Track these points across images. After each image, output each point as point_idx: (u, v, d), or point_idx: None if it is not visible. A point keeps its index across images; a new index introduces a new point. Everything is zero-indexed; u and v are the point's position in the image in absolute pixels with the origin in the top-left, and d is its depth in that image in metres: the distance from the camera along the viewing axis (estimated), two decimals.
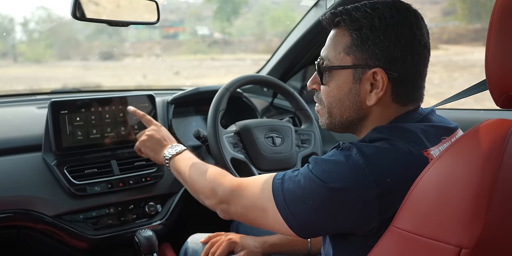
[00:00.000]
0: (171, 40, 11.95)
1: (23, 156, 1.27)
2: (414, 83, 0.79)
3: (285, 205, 0.76)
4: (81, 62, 10.26)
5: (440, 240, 0.61)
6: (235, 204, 0.88)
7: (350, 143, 0.74)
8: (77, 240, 1.27)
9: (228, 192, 0.89)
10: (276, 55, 1.86)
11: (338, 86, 0.80)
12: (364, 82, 0.77)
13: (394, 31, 0.74)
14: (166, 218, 1.40)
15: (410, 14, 0.77)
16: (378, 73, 0.76)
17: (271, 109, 1.85)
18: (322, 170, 0.73)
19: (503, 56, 0.64)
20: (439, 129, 0.78)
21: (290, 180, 0.77)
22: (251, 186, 0.85)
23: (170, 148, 1.15)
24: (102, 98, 1.33)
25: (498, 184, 0.59)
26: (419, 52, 0.77)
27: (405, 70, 0.76)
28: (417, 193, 0.66)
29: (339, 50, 0.79)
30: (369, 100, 0.78)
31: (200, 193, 0.98)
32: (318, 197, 0.72)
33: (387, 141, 0.73)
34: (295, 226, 0.76)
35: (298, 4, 1.79)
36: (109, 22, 1.20)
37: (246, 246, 1.16)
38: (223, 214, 0.92)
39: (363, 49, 0.76)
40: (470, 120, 0.83)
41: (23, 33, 11.54)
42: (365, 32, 0.75)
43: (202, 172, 0.99)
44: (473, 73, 5.70)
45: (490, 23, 0.65)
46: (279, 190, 0.77)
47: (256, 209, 0.82)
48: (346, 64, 0.79)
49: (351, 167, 0.70)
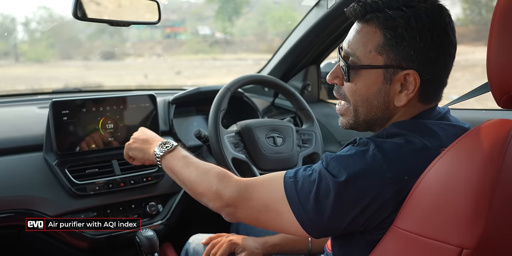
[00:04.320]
0: (172, 40, 11.95)
1: (24, 156, 1.27)
2: (442, 83, 0.78)
3: (300, 206, 0.73)
4: (83, 62, 10.25)
5: (442, 241, 0.61)
6: (244, 207, 0.82)
7: (367, 139, 0.73)
8: (78, 240, 1.27)
9: (236, 194, 0.82)
10: (277, 55, 1.85)
11: (367, 85, 0.77)
12: (395, 82, 0.76)
13: (430, 32, 0.72)
14: (167, 218, 1.40)
15: (444, 14, 0.75)
16: (411, 75, 0.74)
17: (272, 109, 1.85)
18: (338, 167, 0.71)
19: (505, 56, 0.63)
20: (457, 128, 0.77)
21: (304, 179, 0.74)
22: (261, 187, 0.81)
23: (159, 146, 1.06)
24: (103, 98, 1.33)
25: (500, 184, 0.59)
26: (450, 52, 0.76)
27: (437, 71, 0.75)
28: (419, 194, 0.65)
29: (370, 49, 0.76)
30: (398, 101, 0.76)
31: (203, 196, 0.90)
32: (334, 196, 0.70)
33: (404, 137, 0.72)
34: (309, 227, 0.74)
35: (299, 4, 1.80)
36: (111, 22, 1.20)
37: (246, 247, 1.16)
38: (229, 217, 0.86)
39: (398, 50, 0.73)
40: (471, 120, 0.82)
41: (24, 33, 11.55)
42: (400, 32, 0.72)
43: (203, 172, 0.92)
44: (474, 72, 5.69)
45: (492, 23, 0.65)
46: (293, 190, 0.74)
47: (269, 211, 0.78)
48: (378, 64, 0.75)
49: (368, 163, 0.69)
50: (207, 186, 0.88)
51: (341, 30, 1.61)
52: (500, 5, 0.64)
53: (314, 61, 1.85)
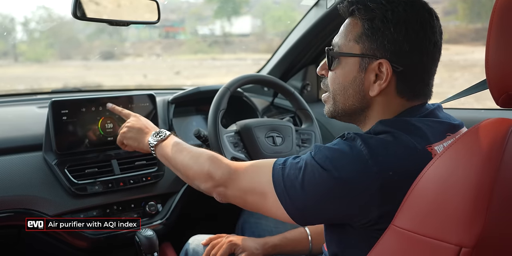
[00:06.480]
0: (171, 40, 11.95)
1: (23, 155, 1.27)
2: (420, 79, 0.80)
3: (285, 191, 0.76)
4: (82, 61, 10.25)
5: (440, 239, 0.61)
6: (233, 187, 0.86)
7: (355, 134, 0.74)
8: (77, 240, 1.27)
9: (226, 175, 0.86)
10: (277, 55, 1.86)
11: (344, 73, 0.82)
12: (369, 72, 0.78)
13: (405, 26, 0.75)
14: (167, 217, 1.40)
15: (424, 12, 0.77)
16: (384, 64, 0.77)
17: (272, 108, 1.85)
18: (324, 157, 0.73)
19: (503, 55, 0.64)
20: (444, 125, 0.78)
21: (291, 166, 0.77)
22: (250, 170, 0.84)
23: (153, 135, 1.09)
24: (102, 98, 1.33)
25: (498, 183, 0.59)
26: (428, 49, 0.77)
27: (412, 65, 0.77)
28: (417, 192, 0.66)
29: (350, 38, 0.80)
30: (372, 91, 0.79)
31: (195, 179, 0.94)
32: (319, 185, 0.72)
33: (391, 134, 0.73)
34: (293, 213, 0.76)
35: (298, 4, 1.80)
36: (110, 22, 1.20)
37: (246, 248, 1.16)
38: (220, 197, 0.89)
39: (373, 40, 0.77)
40: (470, 119, 0.83)
41: (23, 33, 11.55)
42: (376, 23, 0.76)
43: (195, 156, 0.96)
44: (473, 72, 5.70)
45: (491, 23, 0.65)
46: (280, 176, 0.77)
47: (255, 193, 0.81)
48: (355, 52, 0.79)
49: (354, 157, 0.71)
50: (199, 168, 0.92)
51: None
52: (498, 4, 0.64)
53: (313, 60, 1.85)
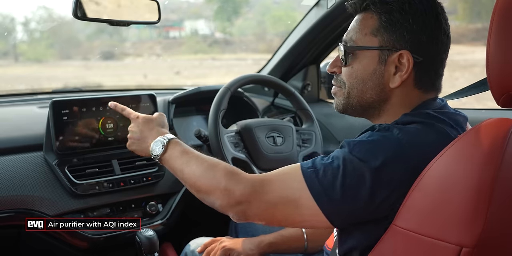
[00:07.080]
0: (171, 40, 11.95)
1: (24, 155, 1.27)
2: (436, 71, 0.80)
3: (324, 194, 0.71)
4: (82, 61, 10.25)
5: (441, 239, 0.61)
6: (259, 200, 0.77)
7: (388, 125, 0.74)
8: (78, 240, 1.27)
9: (249, 190, 0.77)
10: (277, 55, 1.86)
11: (363, 67, 0.81)
12: (389, 64, 0.78)
13: (422, 17, 0.76)
14: (167, 217, 1.40)
15: (436, 4, 0.79)
16: (404, 55, 0.77)
17: (272, 108, 1.85)
18: (364, 150, 0.70)
19: (503, 55, 0.64)
20: (461, 117, 0.79)
21: (324, 167, 0.72)
22: (276, 179, 0.77)
23: (154, 146, 0.99)
24: (103, 98, 1.33)
25: (499, 183, 0.59)
26: (442, 40, 0.79)
27: (429, 56, 0.78)
28: (418, 192, 0.66)
29: (366, 32, 0.80)
30: (393, 82, 0.79)
31: (209, 194, 0.83)
32: (362, 181, 0.69)
33: (424, 124, 0.73)
34: (333, 215, 0.72)
35: (299, 4, 1.80)
36: (110, 22, 1.20)
37: (241, 250, 1.16)
38: (239, 216, 0.80)
39: (392, 31, 0.77)
40: (471, 119, 0.83)
41: (24, 33, 11.54)
42: (395, 15, 0.77)
43: (207, 169, 0.85)
44: (473, 72, 5.70)
45: (491, 23, 0.65)
46: (314, 178, 0.72)
47: (287, 204, 0.74)
48: (373, 45, 0.79)
49: (395, 147, 0.70)
50: (214, 184, 0.82)
51: (341, 30, 1.61)
52: (499, 4, 0.64)
53: (314, 60, 1.85)
